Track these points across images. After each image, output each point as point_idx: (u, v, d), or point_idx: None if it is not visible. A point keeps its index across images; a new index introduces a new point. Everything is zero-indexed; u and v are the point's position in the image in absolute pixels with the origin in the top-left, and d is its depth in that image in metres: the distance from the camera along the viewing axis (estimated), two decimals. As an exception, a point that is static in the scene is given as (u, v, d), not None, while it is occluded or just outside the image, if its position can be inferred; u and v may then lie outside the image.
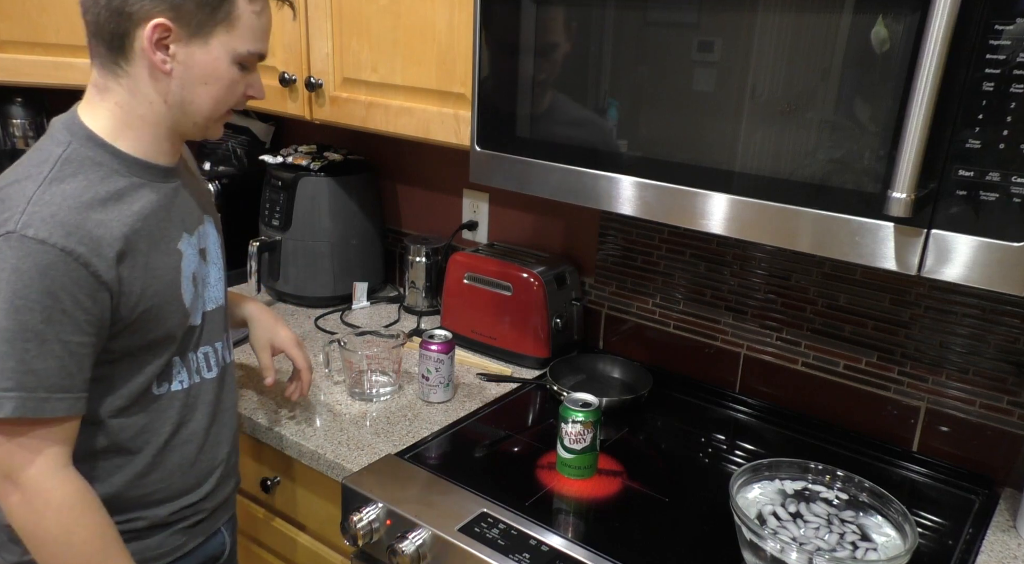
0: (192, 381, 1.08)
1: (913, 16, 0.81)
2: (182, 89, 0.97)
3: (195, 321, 1.06)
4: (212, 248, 1.12)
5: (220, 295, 1.14)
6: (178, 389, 1.06)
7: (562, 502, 1.17)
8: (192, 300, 1.04)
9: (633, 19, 1.01)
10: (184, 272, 1.02)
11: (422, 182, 1.91)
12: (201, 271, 1.07)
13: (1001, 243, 0.82)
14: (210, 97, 0.98)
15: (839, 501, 1.08)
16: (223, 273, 1.16)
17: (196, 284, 1.05)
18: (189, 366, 1.07)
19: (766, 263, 1.43)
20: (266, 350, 1.29)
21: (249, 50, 0.98)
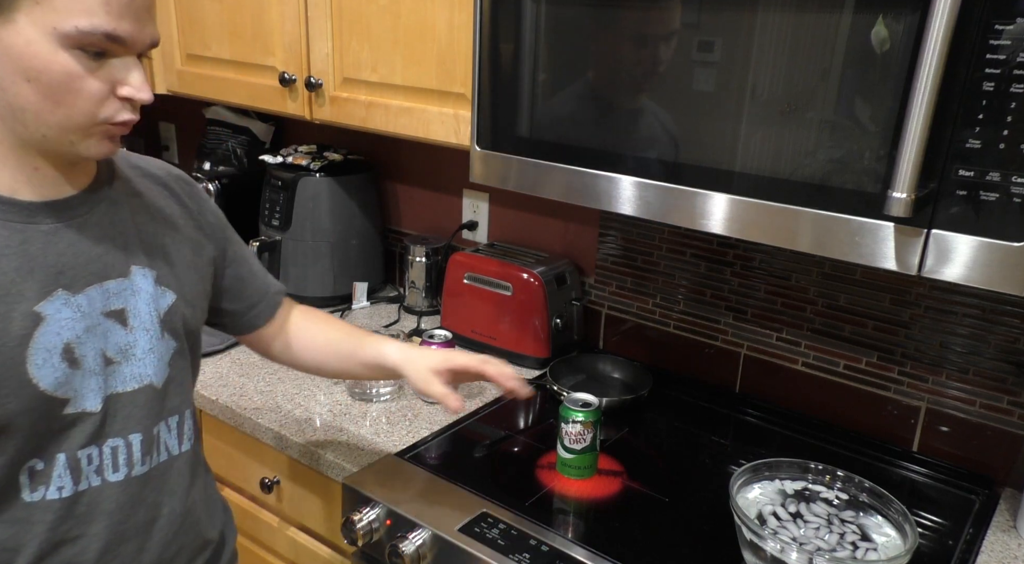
0: (79, 487, 0.81)
1: (913, 16, 0.81)
2: (4, 91, 0.72)
3: (84, 407, 0.80)
4: (144, 309, 0.85)
5: (155, 372, 0.87)
6: (54, 498, 0.80)
7: (562, 502, 1.17)
8: (62, 380, 0.78)
9: (633, 19, 1.01)
10: (39, 342, 0.76)
11: (422, 182, 1.91)
12: (102, 340, 0.81)
13: (1001, 243, 0.82)
14: (42, 98, 0.72)
15: (839, 501, 1.08)
16: (176, 342, 0.89)
17: (77, 358, 0.79)
18: (76, 466, 0.81)
19: (766, 263, 1.43)
20: (433, 380, 1.04)
21: (78, 26, 0.69)
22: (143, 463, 0.86)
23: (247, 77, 1.64)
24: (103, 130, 0.76)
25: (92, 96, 0.73)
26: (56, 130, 0.74)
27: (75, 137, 0.75)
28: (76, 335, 0.79)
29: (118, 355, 0.83)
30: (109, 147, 0.78)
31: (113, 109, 0.75)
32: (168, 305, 0.88)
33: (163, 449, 0.89)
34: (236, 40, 1.63)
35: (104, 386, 0.82)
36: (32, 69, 0.70)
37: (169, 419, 0.90)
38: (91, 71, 0.72)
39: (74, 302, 0.79)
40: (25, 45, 0.70)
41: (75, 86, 0.72)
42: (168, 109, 2.40)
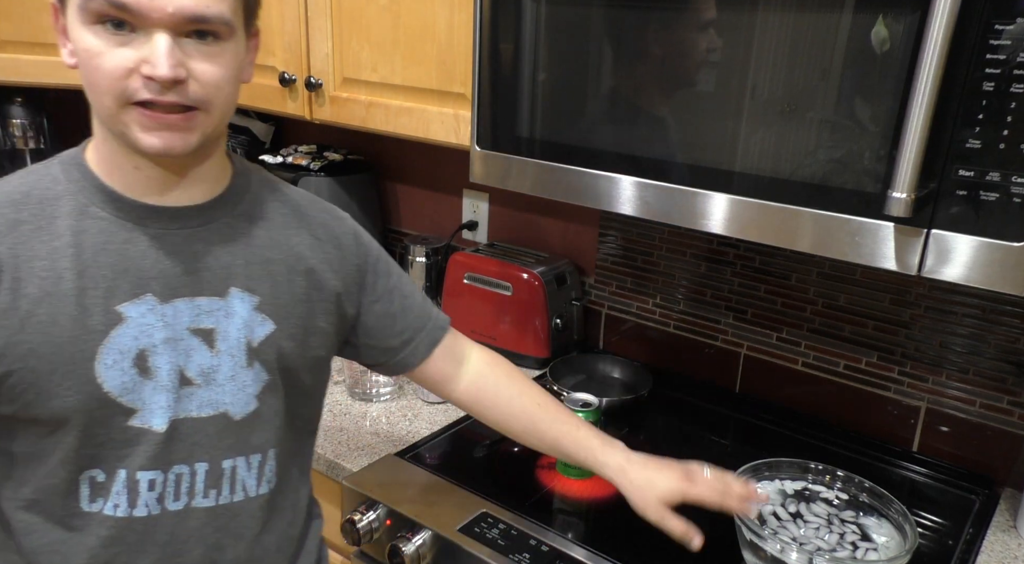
0: (136, 512, 0.79)
1: (913, 16, 0.81)
2: (84, 83, 0.73)
3: (150, 423, 0.77)
4: (234, 334, 0.81)
5: (233, 401, 0.82)
6: (110, 514, 0.78)
7: (562, 502, 1.17)
8: (131, 387, 0.76)
9: (633, 19, 1.01)
10: (114, 342, 0.75)
11: (422, 182, 1.91)
12: (181, 357, 0.78)
13: (1001, 243, 0.81)
14: (86, 83, 0.73)
15: (839, 501, 1.08)
16: (267, 375, 0.83)
17: (149, 368, 0.77)
18: (134, 488, 0.78)
19: (766, 263, 1.42)
20: (666, 514, 0.94)
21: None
22: (206, 496, 0.82)
23: (247, 77, 1.64)
24: (136, 116, 0.72)
25: (112, 72, 0.70)
26: (105, 118, 0.74)
27: (120, 126, 0.73)
28: (154, 344, 0.77)
29: (198, 377, 0.80)
30: (158, 140, 0.73)
31: (134, 87, 0.71)
32: (265, 335, 0.83)
33: (238, 487, 0.84)
34: (236, 40, 1.63)
35: (174, 406, 0.79)
36: (77, 51, 0.72)
37: (251, 456, 0.84)
38: (111, 47, 0.70)
39: (160, 310, 0.78)
40: (71, 28, 0.71)
41: (95, 62, 0.71)
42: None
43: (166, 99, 0.71)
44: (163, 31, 0.70)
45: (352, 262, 0.94)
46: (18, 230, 0.75)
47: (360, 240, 0.97)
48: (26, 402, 0.74)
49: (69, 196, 0.77)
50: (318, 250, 0.90)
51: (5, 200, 0.76)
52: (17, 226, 0.75)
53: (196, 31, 0.72)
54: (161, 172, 0.78)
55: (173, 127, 0.73)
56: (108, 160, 0.78)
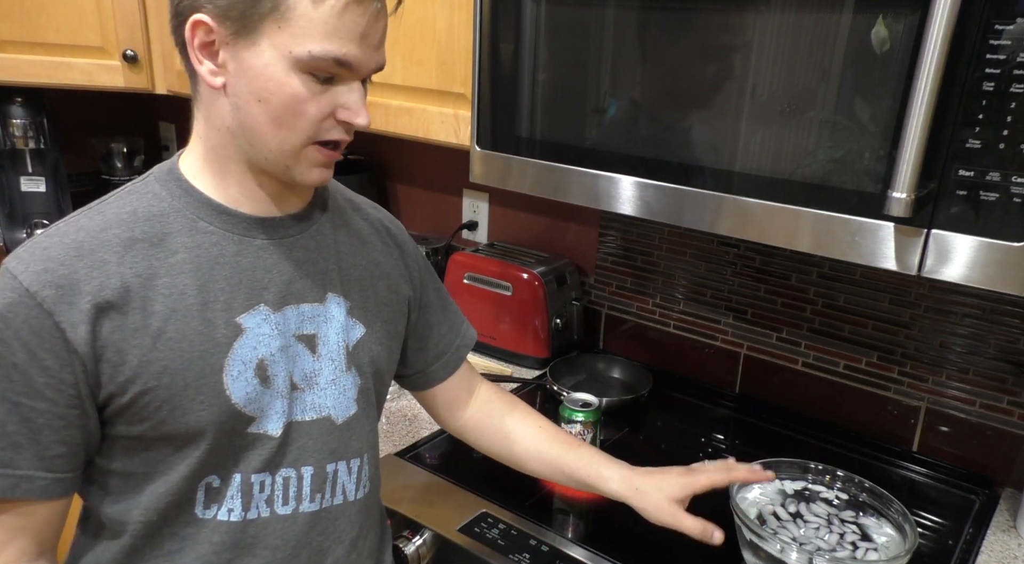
0: (248, 514, 0.80)
1: (913, 16, 0.81)
2: (238, 109, 0.74)
3: (267, 428, 0.79)
4: (333, 338, 0.84)
5: (335, 404, 0.84)
6: (224, 519, 0.80)
7: (562, 502, 1.17)
8: (254, 397, 0.78)
9: (633, 19, 1.01)
10: (237, 353, 0.77)
11: (422, 182, 1.91)
12: (291, 363, 0.81)
13: (1001, 243, 0.81)
14: (269, 120, 0.74)
15: (839, 501, 1.08)
16: (360, 379, 0.87)
17: (268, 377, 0.79)
18: (248, 491, 0.80)
19: (766, 263, 1.43)
20: (680, 514, 0.94)
21: (311, 51, 0.71)
22: (312, 500, 0.84)
23: (247, 77, 1.64)
24: (314, 152, 0.76)
25: (312, 118, 0.74)
26: (275, 152, 0.76)
27: (290, 161, 0.76)
28: (271, 352, 0.79)
29: (302, 381, 0.82)
30: (322, 174, 0.79)
31: (326, 128, 0.76)
32: (357, 338, 0.87)
33: (339, 491, 0.86)
34: (236, 40, 1.63)
35: (288, 411, 0.81)
36: (265, 90, 0.72)
37: (351, 460, 0.87)
38: (315, 94, 0.73)
39: (273, 319, 0.80)
40: (263, 67, 0.72)
41: (299, 108, 0.73)
42: (168, 109, 2.40)
43: (348, 139, 0.78)
44: (359, 83, 0.77)
45: (413, 267, 0.98)
46: (135, 248, 0.75)
47: (415, 245, 1.01)
48: (159, 419, 0.75)
49: (176, 213, 0.78)
50: (388, 255, 0.94)
51: (114, 220, 0.76)
52: (132, 245, 0.75)
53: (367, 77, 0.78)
54: (281, 188, 0.82)
55: (331, 164, 0.80)
56: (223, 177, 0.79)
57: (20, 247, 0.74)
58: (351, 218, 0.92)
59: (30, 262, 0.72)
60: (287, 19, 0.70)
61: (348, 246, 0.89)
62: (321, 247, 0.86)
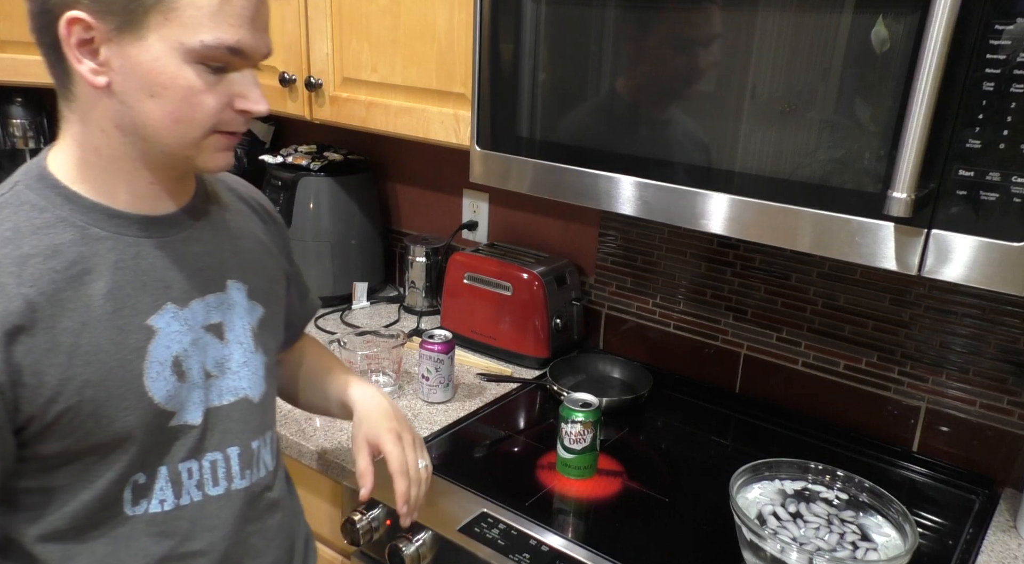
0: (181, 501, 0.81)
1: (913, 16, 0.81)
2: (129, 107, 0.72)
3: (186, 419, 0.81)
4: (238, 322, 0.86)
5: (250, 385, 0.87)
6: (157, 511, 0.80)
7: (562, 502, 1.17)
8: (172, 393, 0.79)
9: (632, 18, 1.01)
10: (153, 355, 0.77)
11: (422, 182, 1.91)
12: (203, 354, 0.82)
13: (1001, 243, 0.81)
14: (164, 114, 0.72)
15: (839, 501, 1.08)
16: (265, 356, 0.89)
17: (184, 371, 0.80)
18: (177, 480, 0.81)
19: (766, 263, 1.42)
20: (363, 450, 0.97)
21: (203, 41, 0.69)
22: (242, 477, 0.87)
23: (247, 77, 1.64)
24: (215, 141, 0.76)
25: (210, 110, 0.73)
26: (174, 145, 0.75)
27: (192, 152, 0.76)
28: (183, 348, 0.80)
29: (215, 368, 0.84)
30: (226, 159, 0.79)
31: (226, 119, 0.75)
32: (259, 318, 0.89)
33: (262, 465, 0.90)
34: (236, 40, 1.63)
35: (205, 399, 0.83)
36: (158, 85, 0.71)
37: (266, 434, 0.91)
38: (211, 86, 0.73)
39: (181, 316, 0.81)
40: (152, 61, 0.70)
41: (195, 100, 0.72)
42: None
43: (247, 127, 0.78)
44: (253, 71, 0.76)
45: (286, 240, 1.01)
46: (29, 265, 0.72)
47: (280, 217, 1.03)
48: (85, 431, 0.74)
49: (62, 222, 0.75)
50: (268, 232, 0.96)
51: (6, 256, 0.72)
52: (26, 262, 0.72)
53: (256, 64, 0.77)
54: (172, 183, 0.81)
55: (232, 147, 0.79)
56: (109, 179, 0.77)
57: None
58: (231, 201, 0.93)
59: None
60: (173, 10, 0.68)
61: (236, 231, 0.90)
62: (216, 236, 0.86)
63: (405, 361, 1.52)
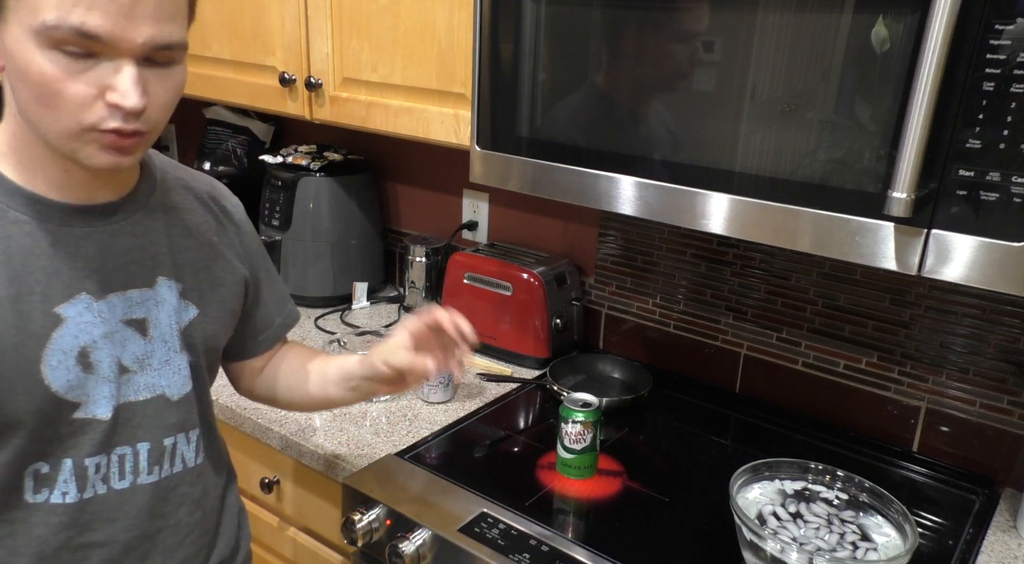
0: (84, 494, 0.81)
1: (913, 16, 0.81)
2: (14, 92, 0.71)
3: (94, 413, 0.80)
4: (164, 320, 0.84)
5: (170, 383, 0.86)
6: (58, 502, 0.80)
7: (562, 502, 1.17)
8: (76, 383, 0.78)
9: (632, 19, 1.01)
10: (56, 343, 0.76)
11: (422, 182, 1.91)
12: (118, 349, 0.81)
13: (1001, 243, 0.82)
14: (32, 100, 0.69)
15: (839, 501, 1.08)
16: (191, 356, 0.88)
17: (92, 363, 0.79)
18: (83, 474, 0.80)
19: (766, 263, 1.42)
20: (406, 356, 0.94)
21: (45, 21, 0.64)
22: (150, 473, 0.85)
23: (247, 77, 1.64)
24: (96, 138, 0.70)
25: (73, 100, 0.68)
26: (53, 134, 0.71)
27: (73, 144, 0.71)
28: (93, 340, 0.79)
29: (134, 364, 0.82)
30: (111, 158, 0.72)
31: (99, 115, 0.69)
32: (189, 319, 0.88)
33: (178, 461, 0.88)
34: (236, 40, 1.63)
35: (116, 394, 0.81)
36: (20, 70, 0.68)
37: (189, 432, 0.89)
38: (73, 74, 0.67)
39: (96, 307, 0.79)
40: (14, 44, 0.67)
41: (55, 89, 0.67)
42: (168, 109, 2.39)
43: (129, 127, 0.70)
44: (129, 60, 0.68)
45: (249, 245, 0.98)
46: None
47: (250, 223, 1.00)
48: None
49: None
50: (223, 235, 0.94)
51: None
52: None
53: (154, 57, 0.70)
54: (91, 174, 0.78)
55: (125, 149, 0.73)
56: (30, 163, 0.76)
57: None
58: (183, 199, 0.90)
59: None
60: None
61: (180, 229, 0.88)
62: (149, 232, 0.84)
63: (405, 361, 1.51)
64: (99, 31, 0.65)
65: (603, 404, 1.24)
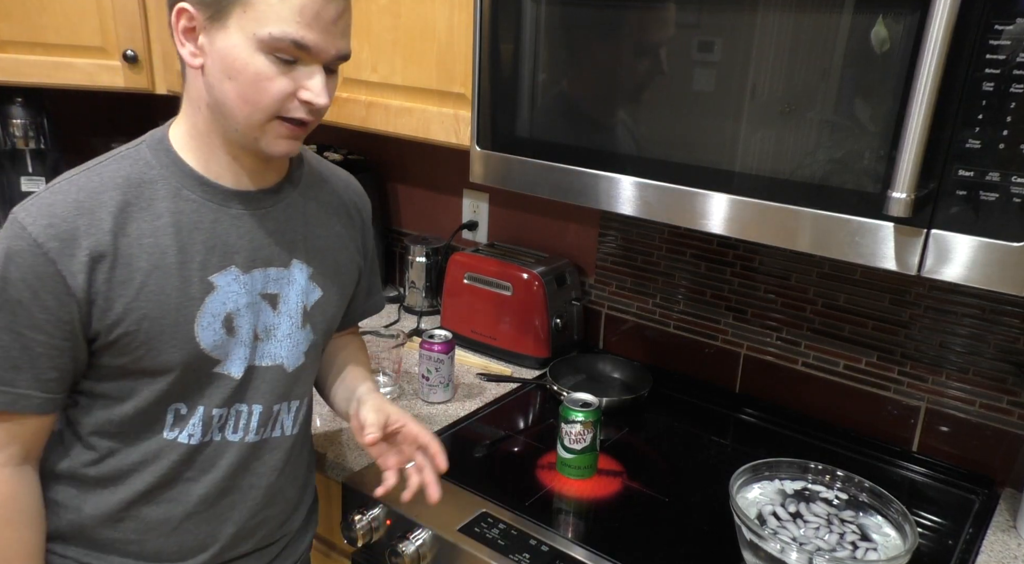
0: (204, 439, 0.94)
1: (913, 16, 0.81)
2: (213, 87, 0.85)
3: (228, 370, 0.92)
4: (293, 298, 0.96)
5: (288, 355, 0.97)
6: (183, 442, 0.92)
7: (562, 502, 1.17)
8: (220, 344, 0.90)
9: (632, 19, 1.01)
10: (208, 307, 0.89)
11: (422, 182, 1.91)
12: (255, 317, 0.93)
13: (1001, 243, 0.82)
14: (236, 95, 0.83)
15: (839, 501, 1.08)
16: (312, 334, 0.99)
17: (234, 328, 0.91)
18: (208, 420, 0.93)
19: (766, 263, 1.43)
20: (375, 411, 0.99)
21: (271, 32, 0.80)
22: (256, 433, 0.97)
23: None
24: (277, 126, 0.85)
25: (276, 95, 0.83)
26: (243, 124, 0.85)
27: (258, 133, 0.86)
28: (238, 308, 0.91)
29: (263, 333, 0.94)
30: (287, 145, 0.88)
31: (289, 107, 0.85)
32: (315, 301, 0.99)
33: (278, 427, 0.99)
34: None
35: (249, 357, 0.93)
36: (233, 69, 0.82)
37: (292, 402, 1.00)
38: (277, 74, 0.82)
39: (242, 279, 0.92)
40: (231, 47, 0.82)
41: (263, 85, 0.82)
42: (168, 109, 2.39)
43: (311, 119, 0.87)
44: (320, 67, 0.85)
45: (367, 241, 1.11)
46: (127, 211, 0.86)
47: (370, 215, 1.13)
48: (137, 356, 0.87)
49: (163, 180, 0.89)
50: (350, 228, 1.06)
51: (110, 184, 0.86)
52: (125, 207, 0.86)
53: (331, 65, 0.86)
54: (254, 162, 0.92)
55: (298, 136, 0.88)
56: (204, 150, 0.90)
57: (28, 200, 0.85)
58: (322, 192, 1.03)
59: (38, 216, 0.82)
60: (251, 5, 0.80)
61: (316, 218, 1.00)
62: (291, 219, 0.97)
63: (405, 361, 1.52)
64: (310, 43, 0.82)
65: (603, 404, 1.24)
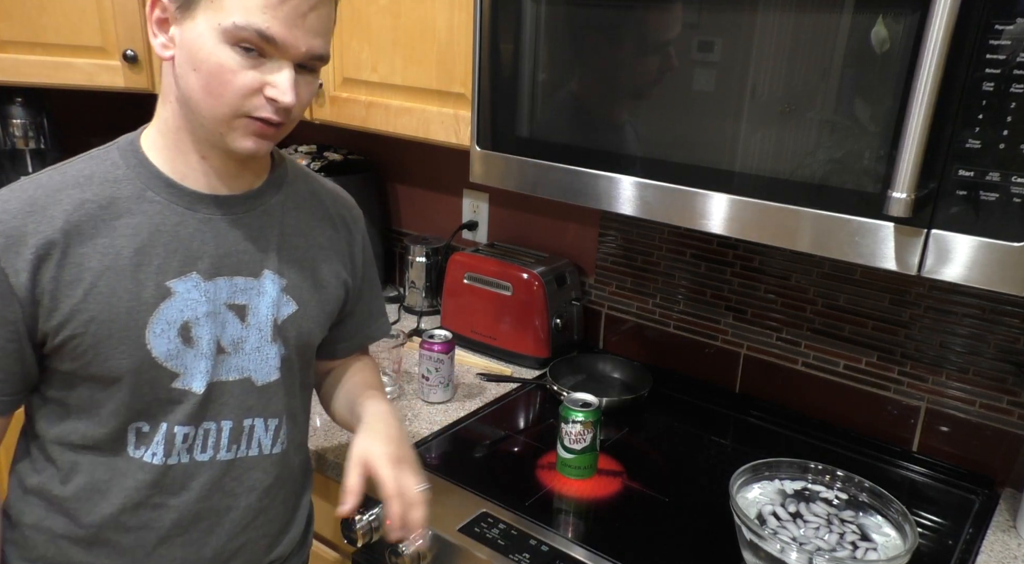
0: (168, 460, 0.88)
1: (913, 16, 0.81)
2: (180, 79, 0.81)
3: (188, 385, 0.87)
4: (264, 311, 0.91)
5: (256, 368, 0.92)
6: (148, 461, 0.88)
7: (562, 502, 1.17)
8: (175, 353, 0.85)
9: (631, 18, 1.01)
10: (162, 313, 0.84)
11: (422, 182, 1.91)
12: (218, 329, 0.88)
13: (1001, 243, 0.82)
14: (200, 87, 0.80)
15: (839, 501, 1.08)
16: (283, 350, 0.93)
17: (191, 338, 0.86)
18: (171, 441, 0.88)
19: (766, 263, 1.43)
20: (356, 468, 0.91)
21: (235, 22, 0.76)
22: (228, 450, 0.92)
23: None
24: (245, 124, 0.82)
25: (239, 89, 0.79)
26: (209, 120, 0.81)
27: (224, 129, 0.82)
28: (196, 316, 0.87)
29: (230, 346, 0.90)
30: (253, 144, 0.83)
31: (254, 105, 0.81)
32: (288, 314, 0.94)
33: (254, 444, 0.94)
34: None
35: (211, 371, 0.89)
36: (197, 59, 0.79)
37: (268, 419, 0.95)
38: (243, 67, 0.79)
39: (203, 287, 0.87)
40: (196, 37, 0.79)
41: (226, 78, 0.79)
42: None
43: (278, 118, 0.82)
44: (290, 64, 0.80)
45: (358, 256, 1.05)
46: (83, 209, 0.83)
47: (366, 237, 1.08)
48: (86, 361, 0.84)
49: (128, 181, 0.85)
50: (336, 242, 1.01)
51: (71, 182, 0.84)
52: (82, 205, 0.83)
53: (306, 64, 0.82)
54: (223, 164, 0.88)
55: (266, 136, 0.84)
56: (172, 150, 0.87)
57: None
58: (305, 201, 0.98)
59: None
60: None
61: (295, 228, 0.96)
62: (266, 227, 0.92)
63: (405, 361, 1.52)
64: (276, 35, 0.78)
65: (603, 404, 1.24)
